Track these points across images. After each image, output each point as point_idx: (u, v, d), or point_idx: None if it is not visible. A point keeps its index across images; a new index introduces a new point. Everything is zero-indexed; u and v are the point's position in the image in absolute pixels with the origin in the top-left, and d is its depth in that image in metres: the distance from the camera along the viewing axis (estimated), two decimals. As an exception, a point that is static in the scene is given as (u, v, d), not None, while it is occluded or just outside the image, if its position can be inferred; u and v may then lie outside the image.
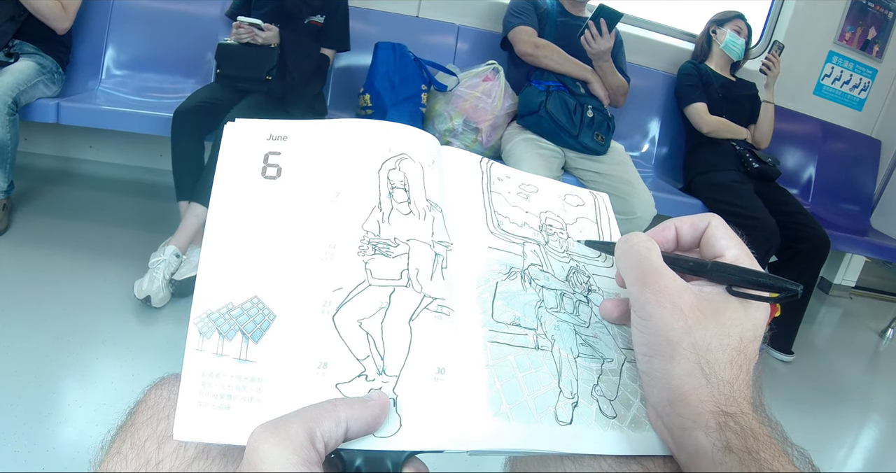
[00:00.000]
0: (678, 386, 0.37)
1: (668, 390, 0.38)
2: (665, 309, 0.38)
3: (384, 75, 2.32)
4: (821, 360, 2.63)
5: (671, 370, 0.37)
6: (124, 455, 0.41)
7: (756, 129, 2.81)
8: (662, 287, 0.38)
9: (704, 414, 0.36)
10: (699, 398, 0.36)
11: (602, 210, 0.56)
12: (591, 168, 2.33)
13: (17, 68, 2.10)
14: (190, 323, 0.37)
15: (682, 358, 0.37)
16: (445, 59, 2.61)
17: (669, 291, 0.38)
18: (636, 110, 2.98)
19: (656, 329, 0.38)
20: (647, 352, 0.39)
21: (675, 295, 0.38)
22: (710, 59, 2.83)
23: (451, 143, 2.44)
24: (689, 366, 0.37)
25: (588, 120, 2.29)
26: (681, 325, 0.37)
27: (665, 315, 0.38)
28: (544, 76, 2.38)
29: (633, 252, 0.41)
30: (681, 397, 0.37)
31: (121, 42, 2.58)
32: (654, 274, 0.39)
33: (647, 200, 2.23)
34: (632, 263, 0.41)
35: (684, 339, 0.37)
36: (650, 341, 0.39)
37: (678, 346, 0.37)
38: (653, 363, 0.39)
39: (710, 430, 0.35)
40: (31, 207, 2.34)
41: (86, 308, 1.74)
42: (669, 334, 0.37)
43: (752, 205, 2.40)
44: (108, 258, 2.05)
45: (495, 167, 0.53)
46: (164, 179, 2.16)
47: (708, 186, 2.60)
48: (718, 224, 0.42)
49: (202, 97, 2.12)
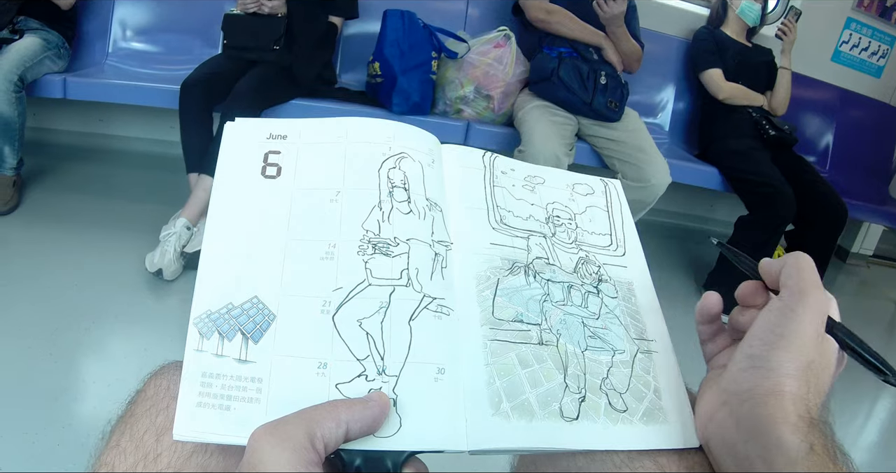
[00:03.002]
0: (783, 380, 0.37)
1: (769, 380, 0.38)
2: (809, 317, 0.38)
3: (393, 43, 2.28)
4: (837, 330, 2.60)
5: (786, 363, 0.37)
6: (123, 449, 0.41)
7: (772, 96, 2.76)
8: (815, 301, 0.39)
9: (793, 414, 0.36)
10: (794, 398, 0.36)
11: (613, 197, 0.55)
12: (605, 135, 2.29)
13: (21, 45, 2.08)
14: (190, 324, 0.37)
15: (800, 356, 0.37)
16: (456, 26, 2.56)
17: (821, 309, 0.39)
18: (651, 76, 2.93)
19: (796, 325, 0.38)
20: (767, 339, 0.39)
21: (820, 317, 0.39)
22: (726, 25, 2.77)
23: (463, 111, 2.42)
24: (801, 364, 0.37)
25: (601, 86, 2.25)
26: (815, 335, 0.38)
27: (810, 320, 0.38)
28: (556, 42, 2.33)
29: (802, 263, 0.41)
30: (780, 391, 0.37)
31: (127, 15, 2.56)
32: (815, 289, 0.39)
33: (662, 167, 2.19)
34: (800, 271, 0.41)
35: (810, 344, 0.38)
36: (779, 332, 0.38)
37: (804, 347, 0.38)
38: (769, 350, 0.38)
39: (797, 429, 0.35)
40: (41, 183, 2.35)
41: (97, 282, 1.76)
42: (803, 337, 0.38)
43: (769, 173, 2.36)
44: (119, 232, 2.06)
45: (499, 160, 0.52)
46: (174, 151, 2.15)
47: (724, 154, 2.56)
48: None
49: (209, 68, 2.11)
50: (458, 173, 0.49)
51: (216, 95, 2.02)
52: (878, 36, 3.38)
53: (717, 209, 3.55)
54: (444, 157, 0.49)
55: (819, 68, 3.26)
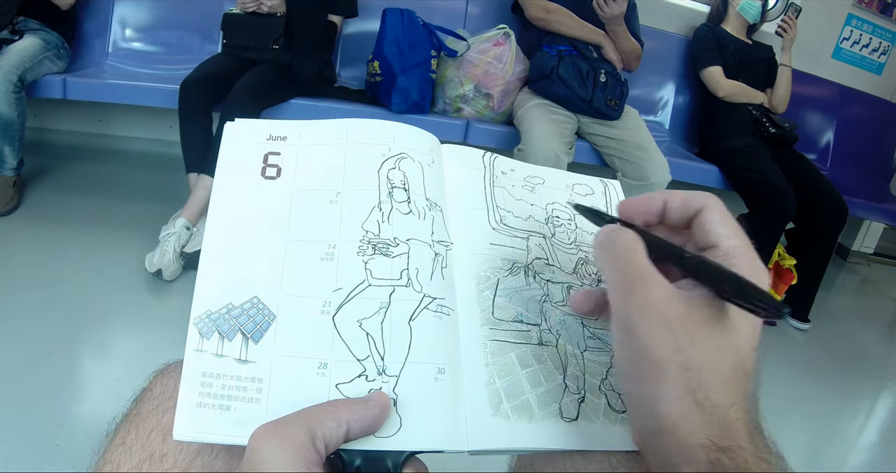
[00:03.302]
0: (666, 414, 0.32)
1: (653, 418, 0.33)
2: (651, 321, 0.32)
3: (393, 42, 2.28)
4: (838, 328, 2.61)
5: (658, 395, 0.32)
6: (129, 447, 0.41)
7: (773, 93, 2.76)
8: (648, 296, 0.33)
9: (695, 448, 0.31)
10: (689, 429, 0.31)
11: (613, 198, 0.55)
12: (605, 133, 2.29)
13: (21, 46, 2.08)
14: (190, 324, 0.37)
15: (671, 382, 0.32)
16: (455, 24, 2.56)
17: (656, 301, 0.33)
18: (651, 74, 2.93)
19: (640, 345, 0.33)
20: (630, 373, 0.34)
21: (664, 307, 0.32)
22: (726, 22, 2.77)
23: (463, 109, 2.41)
24: (678, 392, 0.31)
25: (601, 84, 2.25)
26: (669, 343, 0.32)
27: (651, 330, 0.32)
28: (556, 40, 2.33)
29: (617, 251, 0.35)
30: (668, 427, 0.32)
31: (127, 15, 2.57)
32: (640, 280, 0.33)
33: (662, 166, 2.19)
34: (614, 265, 0.35)
35: (673, 359, 0.32)
36: (633, 359, 0.33)
37: (666, 368, 0.32)
38: (637, 386, 0.34)
39: (699, 467, 0.31)
40: (41, 184, 2.35)
41: (97, 282, 1.76)
42: (656, 352, 0.32)
43: (769, 171, 2.36)
44: (119, 232, 2.06)
45: (499, 160, 0.52)
46: (174, 151, 2.15)
47: (724, 151, 2.56)
48: (715, 206, 0.36)
49: (209, 68, 2.10)
50: (458, 173, 0.49)
51: (216, 95, 2.02)
52: (879, 32, 3.38)
53: (718, 207, 3.53)
54: (444, 157, 0.49)
55: (819, 65, 3.26)
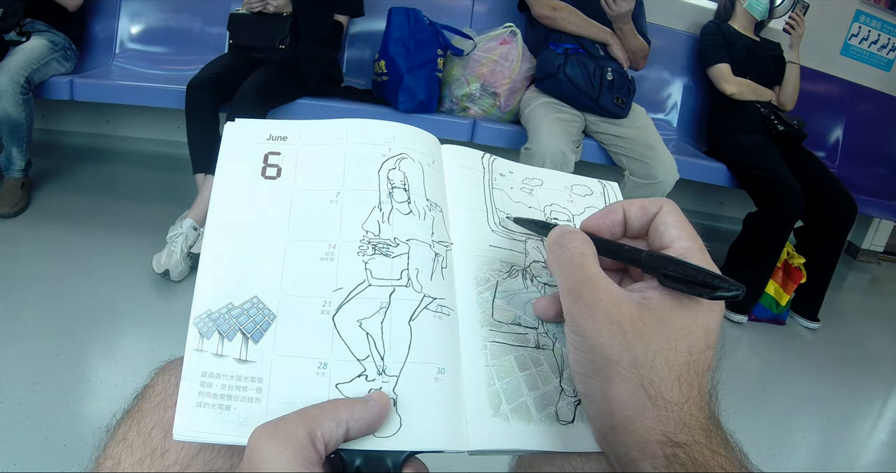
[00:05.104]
0: (620, 410, 0.33)
1: (609, 415, 0.34)
2: (600, 323, 0.34)
3: (399, 41, 2.28)
4: (848, 327, 2.59)
5: (611, 392, 0.33)
6: (130, 443, 0.41)
7: (781, 91, 2.75)
8: (596, 300, 0.34)
9: (651, 444, 0.32)
10: (644, 425, 0.32)
11: (611, 198, 0.55)
12: (612, 131, 2.28)
13: (28, 47, 2.10)
14: (190, 323, 0.38)
15: (622, 379, 0.33)
16: (461, 23, 2.56)
17: (605, 304, 0.34)
18: (658, 72, 2.92)
19: (591, 346, 0.34)
20: (583, 372, 0.35)
21: (612, 309, 0.34)
22: (734, 19, 2.76)
23: (469, 108, 2.41)
24: (630, 388, 0.33)
25: (608, 82, 2.24)
26: (619, 341, 0.33)
27: (601, 330, 0.34)
28: (562, 39, 2.32)
29: (567, 258, 0.37)
30: (624, 423, 0.33)
31: (133, 16, 2.58)
32: (588, 285, 0.35)
33: (670, 164, 2.18)
34: (564, 271, 0.37)
35: (623, 357, 0.33)
36: (586, 359, 0.35)
37: (617, 365, 0.33)
38: (590, 384, 0.35)
39: (657, 463, 0.31)
40: (49, 185, 2.37)
41: (105, 283, 1.77)
42: (607, 351, 0.33)
43: (777, 169, 2.34)
44: (126, 233, 2.07)
45: (498, 162, 0.52)
46: (181, 152, 2.16)
47: (732, 149, 2.55)
48: (670, 209, 0.37)
49: (215, 68, 2.11)
50: (459, 174, 0.49)
51: (222, 95, 2.03)
52: (888, 29, 3.35)
53: (726, 206, 3.52)
54: (444, 158, 0.49)
55: (828, 62, 3.23)
